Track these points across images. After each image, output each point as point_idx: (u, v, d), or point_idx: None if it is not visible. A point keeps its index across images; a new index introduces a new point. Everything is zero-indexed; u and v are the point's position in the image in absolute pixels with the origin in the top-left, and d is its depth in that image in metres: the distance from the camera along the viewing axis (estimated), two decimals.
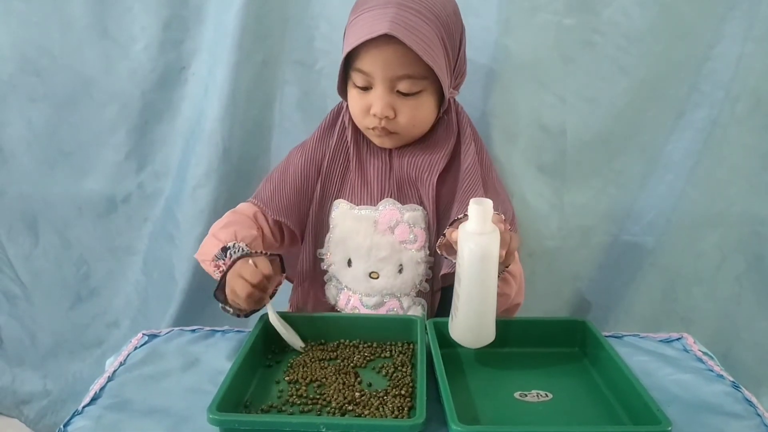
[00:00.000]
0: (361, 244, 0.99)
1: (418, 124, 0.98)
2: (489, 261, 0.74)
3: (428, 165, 0.99)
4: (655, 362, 0.83)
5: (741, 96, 1.15)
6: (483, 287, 0.76)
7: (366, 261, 0.99)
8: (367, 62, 0.92)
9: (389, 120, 0.95)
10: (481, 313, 0.78)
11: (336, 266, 1.02)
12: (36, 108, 1.26)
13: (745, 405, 0.74)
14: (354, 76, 0.95)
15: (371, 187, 1.01)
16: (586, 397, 0.75)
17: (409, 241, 0.99)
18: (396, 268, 0.99)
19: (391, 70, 0.91)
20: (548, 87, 1.17)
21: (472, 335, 0.79)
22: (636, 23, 1.13)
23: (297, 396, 0.75)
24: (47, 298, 1.40)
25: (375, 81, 0.93)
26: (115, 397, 0.76)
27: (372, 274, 0.99)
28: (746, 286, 1.26)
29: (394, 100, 0.94)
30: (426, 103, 0.96)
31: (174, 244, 1.29)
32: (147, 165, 1.30)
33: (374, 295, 1.00)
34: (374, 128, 0.96)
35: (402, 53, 0.89)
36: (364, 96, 0.95)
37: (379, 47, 0.90)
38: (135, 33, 1.22)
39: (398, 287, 0.99)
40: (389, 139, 0.98)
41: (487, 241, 0.74)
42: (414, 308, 1.00)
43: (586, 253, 1.26)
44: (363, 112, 0.96)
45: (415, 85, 0.93)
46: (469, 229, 0.74)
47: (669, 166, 1.21)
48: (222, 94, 1.19)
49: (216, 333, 0.91)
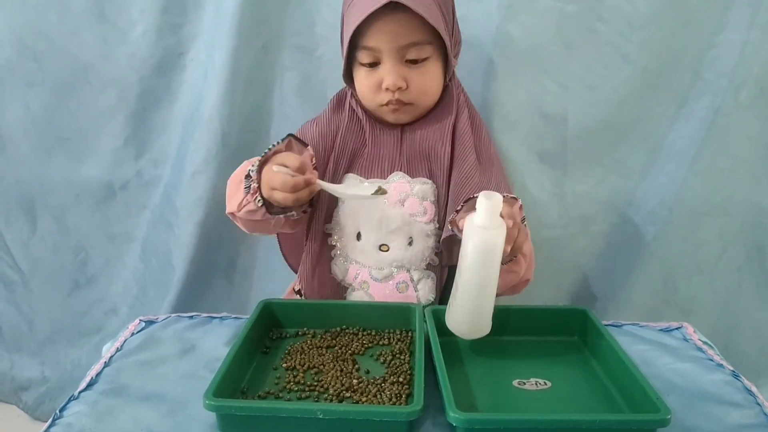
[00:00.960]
0: (372, 217, 0.99)
1: (429, 91, 0.99)
2: (492, 257, 0.74)
3: (439, 135, 1.00)
4: (654, 351, 0.82)
5: (744, 84, 1.13)
6: (483, 282, 0.75)
7: (377, 233, 0.99)
8: (372, 37, 0.93)
9: (402, 91, 0.96)
10: (478, 306, 0.77)
11: (344, 240, 1.02)
12: (33, 93, 1.25)
13: (744, 394, 0.74)
14: (360, 55, 0.96)
15: (382, 162, 1.02)
16: (585, 385, 0.75)
17: (419, 214, 0.99)
18: (406, 240, 0.99)
19: (398, 40, 0.93)
20: (550, 74, 1.17)
21: (467, 327, 0.79)
22: (639, 10, 1.12)
23: (294, 383, 0.74)
24: (45, 284, 1.39)
25: (383, 55, 0.94)
26: (112, 382, 0.75)
27: (382, 247, 0.99)
28: (747, 276, 1.26)
29: (404, 70, 0.95)
30: (434, 70, 0.98)
31: (172, 231, 1.29)
32: (145, 152, 1.29)
33: (384, 268, 0.99)
34: (388, 103, 0.97)
35: (406, 21, 0.91)
36: (373, 73, 0.96)
37: (383, 19, 0.91)
38: (133, 18, 1.21)
39: (408, 259, 0.99)
40: (403, 112, 0.99)
41: (492, 237, 0.73)
42: (424, 281, 1.00)
43: (587, 242, 1.26)
44: (374, 89, 0.97)
45: (422, 51, 0.95)
46: (476, 223, 0.74)
47: (671, 155, 1.20)
48: (221, 79, 1.18)
49: (213, 319, 0.91)
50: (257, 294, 1.35)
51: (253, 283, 1.37)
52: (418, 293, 0.99)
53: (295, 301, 1.01)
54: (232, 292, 1.36)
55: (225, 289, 1.36)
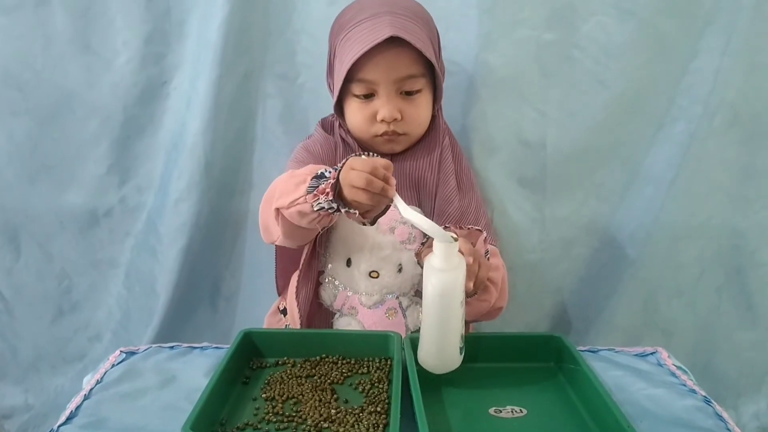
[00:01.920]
0: (363, 243, 1.00)
1: (422, 122, 1.02)
2: (451, 297, 0.75)
3: (428, 165, 1.03)
4: (629, 377, 0.83)
5: (719, 110, 1.16)
6: (444, 320, 0.76)
7: (367, 260, 1.00)
8: (370, 70, 0.95)
9: (397, 123, 0.98)
10: (442, 341, 0.78)
11: (334, 265, 1.03)
12: (18, 121, 1.26)
13: (715, 420, 0.74)
14: (354, 87, 0.98)
15: None
16: (560, 413, 0.76)
17: (409, 241, 1.00)
18: (396, 267, 1.00)
19: (396, 73, 0.96)
20: (528, 101, 1.19)
21: (434, 361, 0.79)
22: (614, 38, 1.14)
23: (273, 413, 0.75)
24: (29, 311, 1.39)
25: (379, 87, 0.97)
26: (91, 415, 0.75)
27: (372, 273, 1.00)
28: (726, 298, 1.28)
29: (399, 102, 0.98)
30: (425, 102, 1.01)
31: (156, 257, 1.29)
32: (129, 179, 1.29)
33: (374, 294, 1.00)
34: (383, 134, 0.99)
35: (403, 55, 0.95)
36: (367, 104, 0.99)
37: (381, 53, 0.93)
38: (117, 47, 1.22)
39: (398, 286, 1.01)
40: (397, 143, 1.02)
41: (450, 278, 0.75)
42: (413, 308, 1.01)
43: (567, 265, 1.27)
44: (368, 120, 0.99)
45: (416, 84, 0.98)
46: (433, 264, 0.75)
47: (649, 178, 1.22)
48: (204, 107, 1.19)
49: (194, 349, 0.91)
50: (242, 319, 1.36)
51: (238, 309, 1.37)
52: (406, 320, 1.01)
53: (276, 330, 1.02)
54: (216, 318, 1.36)
55: (209, 314, 1.36)
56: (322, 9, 1.16)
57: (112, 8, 1.20)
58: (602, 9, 1.13)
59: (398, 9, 0.95)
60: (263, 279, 1.29)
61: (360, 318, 1.01)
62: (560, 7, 1.14)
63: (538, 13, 1.14)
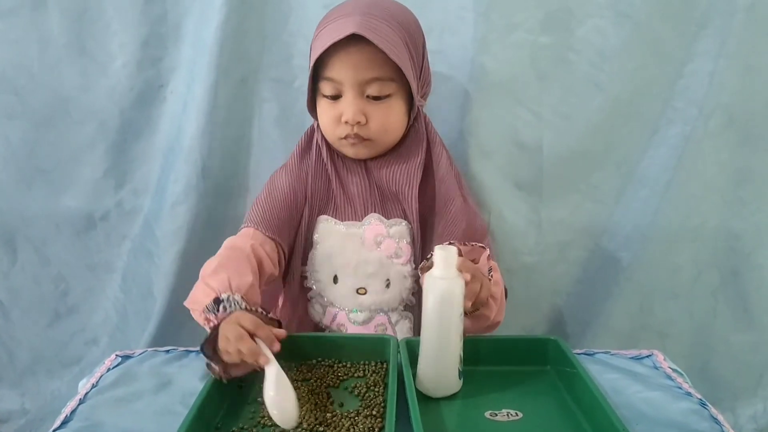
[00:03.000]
0: (349, 261, 0.99)
1: (390, 129, 0.98)
2: (450, 306, 0.75)
3: (406, 177, 0.99)
4: (624, 380, 0.83)
5: (714, 112, 1.16)
6: (444, 332, 0.76)
7: (354, 277, 0.99)
8: (335, 68, 0.94)
9: (361, 126, 0.96)
10: (441, 359, 0.78)
11: (321, 283, 1.02)
12: (13, 125, 1.25)
13: (711, 423, 0.75)
14: (322, 86, 0.96)
15: (354, 204, 1.02)
16: (556, 416, 0.76)
17: (396, 256, 0.99)
18: (383, 283, 0.99)
19: (360, 74, 0.93)
20: (524, 104, 1.19)
21: (433, 384, 0.79)
22: (610, 41, 1.15)
23: (268, 417, 0.74)
24: (25, 315, 1.39)
25: (344, 87, 0.94)
26: (86, 420, 0.76)
27: (359, 290, 1.00)
28: (721, 300, 1.28)
29: (364, 105, 0.95)
30: (396, 109, 0.97)
31: (153, 261, 1.29)
32: (125, 182, 1.29)
33: (362, 311, 1.00)
34: (347, 137, 0.97)
35: (369, 55, 0.91)
36: (334, 105, 0.96)
37: (347, 51, 0.92)
38: (113, 51, 1.22)
39: (386, 302, 1.00)
40: (363, 147, 0.99)
41: (449, 286, 0.75)
42: (402, 322, 1.01)
43: (564, 268, 1.27)
44: (334, 121, 0.97)
45: (384, 88, 0.94)
46: (434, 274, 0.76)
47: (644, 181, 1.22)
48: (200, 111, 1.19)
49: (190, 353, 0.91)
50: None
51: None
52: (396, 335, 1.00)
53: None
54: None
55: None
56: (318, 12, 1.15)
57: (108, 12, 1.19)
58: (598, 12, 1.13)
59: (374, 10, 0.92)
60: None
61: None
62: (556, 10, 1.14)
63: (534, 17, 1.14)
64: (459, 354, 0.78)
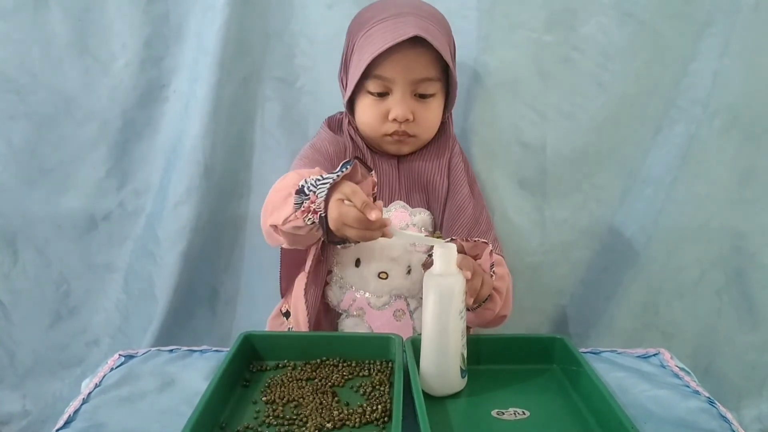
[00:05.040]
0: (373, 244, 0.99)
1: (432, 126, 1.03)
2: (449, 303, 0.75)
3: (438, 169, 1.03)
4: (631, 378, 0.83)
5: (718, 111, 1.16)
6: (444, 330, 0.76)
7: (377, 260, 1.00)
8: (388, 68, 0.95)
9: (408, 123, 0.98)
10: (442, 357, 0.77)
11: (342, 265, 1.02)
12: (16, 126, 1.25)
13: (720, 421, 0.74)
14: (369, 83, 0.98)
15: (382, 190, 1.03)
16: (563, 415, 0.75)
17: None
18: (405, 269, 1.00)
19: (414, 73, 0.96)
20: (528, 103, 1.19)
21: (435, 382, 0.78)
22: (614, 40, 1.14)
23: (274, 417, 0.74)
24: (27, 316, 1.38)
25: (395, 86, 0.97)
26: (89, 420, 0.75)
27: (381, 274, 1.00)
28: (726, 299, 1.27)
29: (412, 103, 0.98)
30: (437, 107, 1.02)
31: (155, 261, 1.28)
32: (128, 183, 1.29)
33: (382, 295, 1.00)
34: (393, 134, 1.00)
35: (423, 56, 0.95)
36: (380, 102, 0.99)
37: (402, 51, 0.94)
38: (115, 51, 1.22)
39: (407, 288, 1.00)
40: (406, 144, 1.02)
41: (449, 283, 0.75)
42: (420, 310, 1.00)
43: (568, 268, 1.27)
44: (380, 118, 0.99)
45: (431, 87, 0.98)
46: (434, 272, 0.76)
47: (648, 180, 1.22)
48: (203, 111, 1.18)
49: (194, 353, 0.90)
50: (241, 323, 1.35)
51: (237, 312, 1.37)
52: (414, 322, 1.00)
53: (276, 333, 1.01)
54: (215, 322, 1.36)
55: (208, 318, 1.35)
56: (321, 12, 1.16)
57: (111, 11, 1.19)
58: (601, 11, 1.13)
59: (421, 12, 0.97)
60: (262, 282, 1.29)
61: (367, 319, 1.00)
62: (559, 9, 1.14)
63: (537, 15, 1.14)
64: (461, 352, 0.78)
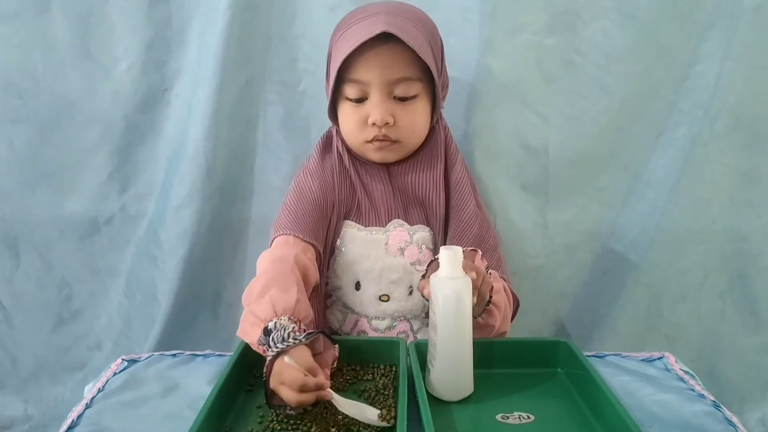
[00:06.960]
0: (372, 267, 0.98)
1: (417, 130, 0.97)
2: (463, 305, 0.75)
3: (432, 183, 0.99)
4: (636, 382, 0.83)
5: (720, 114, 1.16)
6: (459, 332, 0.76)
7: (377, 284, 0.98)
8: (362, 70, 0.92)
9: (389, 127, 0.94)
10: (458, 361, 0.77)
11: (343, 290, 1.01)
12: (18, 130, 1.25)
13: (725, 425, 0.74)
14: (347, 89, 0.94)
15: (378, 209, 1.01)
16: (568, 418, 0.75)
17: (418, 263, 0.98)
18: (407, 290, 0.98)
19: (388, 73, 0.92)
20: (530, 106, 1.18)
21: (450, 386, 0.78)
22: (616, 43, 1.14)
23: (278, 421, 0.74)
24: (29, 320, 1.38)
25: (371, 88, 0.93)
26: (93, 424, 0.75)
27: (382, 297, 0.98)
28: (729, 302, 1.27)
29: (391, 106, 0.94)
30: (422, 109, 0.96)
31: (157, 265, 1.28)
32: (130, 186, 1.29)
33: (385, 318, 0.99)
34: (373, 139, 0.95)
35: (398, 55, 0.90)
36: (359, 108, 0.95)
37: (374, 51, 0.90)
38: (118, 54, 1.21)
39: (409, 309, 0.99)
40: (389, 150, 0.97)
41: (460, 285, 0.75)
42: (424, 330, 1.00)
43: (570, 270, 1.27)
44: (360, 125, 0.95)
45: (411, 88, 0.93)
46: (441, 275, 0.75)
47: (651, 183, 1.22)
48: (205, 114, 1.18)
49: (197, 357, 0.91)
50: None
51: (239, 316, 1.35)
52: None
53: None
54: (217, 326, 1.35)
55: (211, 322, 1.35)
56: (324, 15, 1.16)
57: (113, 15, 1.19)
58: (603, 14, 1.13)
59: (398, 11, 0.93)
60: None
61: None
62: (561, 12, 1.14)
63: (540, 18, 1.14)
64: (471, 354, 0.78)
